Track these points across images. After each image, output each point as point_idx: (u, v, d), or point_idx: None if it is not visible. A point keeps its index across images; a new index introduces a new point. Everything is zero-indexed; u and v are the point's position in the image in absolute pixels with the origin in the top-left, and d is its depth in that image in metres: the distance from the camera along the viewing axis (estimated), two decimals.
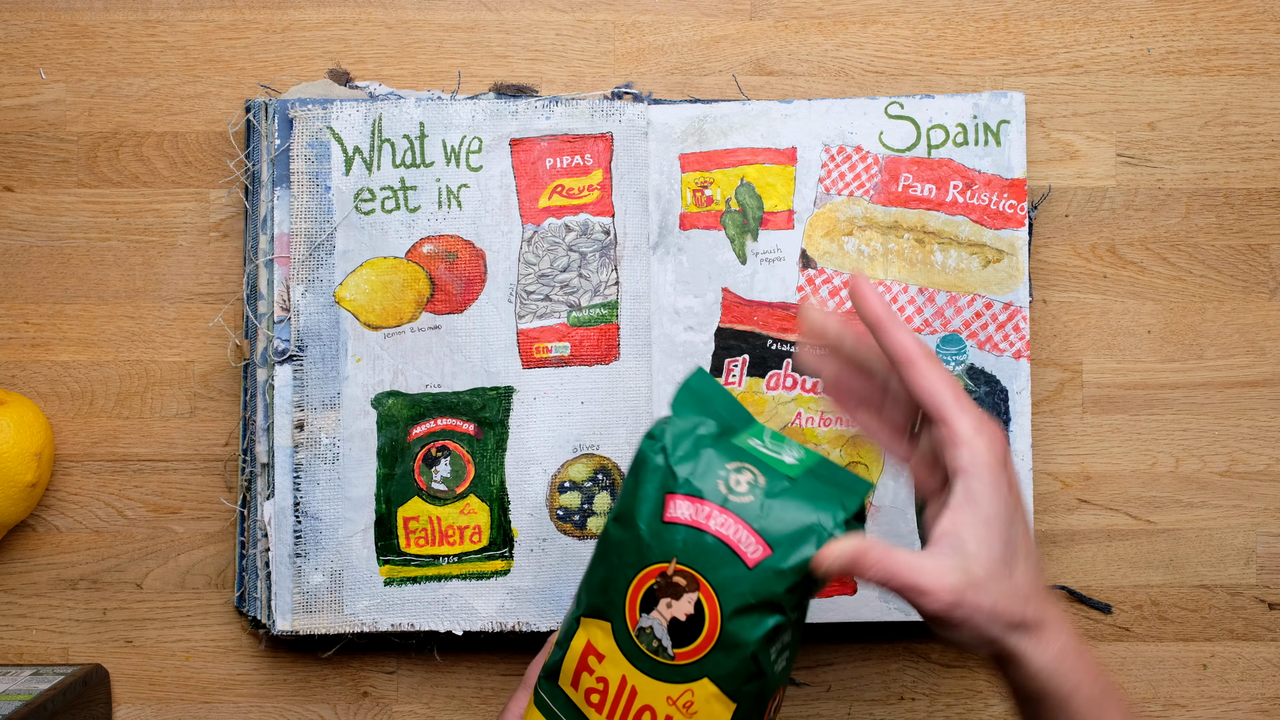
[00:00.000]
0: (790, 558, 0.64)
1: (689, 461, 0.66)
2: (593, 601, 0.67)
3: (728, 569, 0.64)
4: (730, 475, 0.66)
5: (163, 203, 0.87)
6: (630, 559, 0.66)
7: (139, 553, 0.86)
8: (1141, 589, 0.87)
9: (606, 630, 0.67)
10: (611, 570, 0.66)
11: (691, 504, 0.65)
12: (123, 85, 0.87)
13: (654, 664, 0.66)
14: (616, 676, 0.66)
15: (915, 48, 0.87)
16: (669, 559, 0.65)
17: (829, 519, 0.64)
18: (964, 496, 0.63)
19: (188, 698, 0.86)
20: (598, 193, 0.84)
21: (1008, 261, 0.84)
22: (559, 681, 0.69)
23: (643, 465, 0.67)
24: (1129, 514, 0.87)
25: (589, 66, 0.87)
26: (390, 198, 0.84)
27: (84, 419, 0.87)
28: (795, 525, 0.64)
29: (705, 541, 0.64)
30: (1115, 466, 0.87)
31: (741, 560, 0.64)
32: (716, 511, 0.65)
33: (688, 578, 0.64)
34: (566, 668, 0.68)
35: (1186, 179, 0.88)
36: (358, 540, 0.83)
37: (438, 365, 0.84)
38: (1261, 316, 0.87)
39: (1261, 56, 0.88)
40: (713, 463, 0.66)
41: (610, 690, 0.67)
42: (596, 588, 0.67)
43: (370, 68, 0.87)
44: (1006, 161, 0.84)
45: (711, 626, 0.64)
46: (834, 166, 0.85)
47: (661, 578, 0.65)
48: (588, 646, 0.67)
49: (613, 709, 0.67)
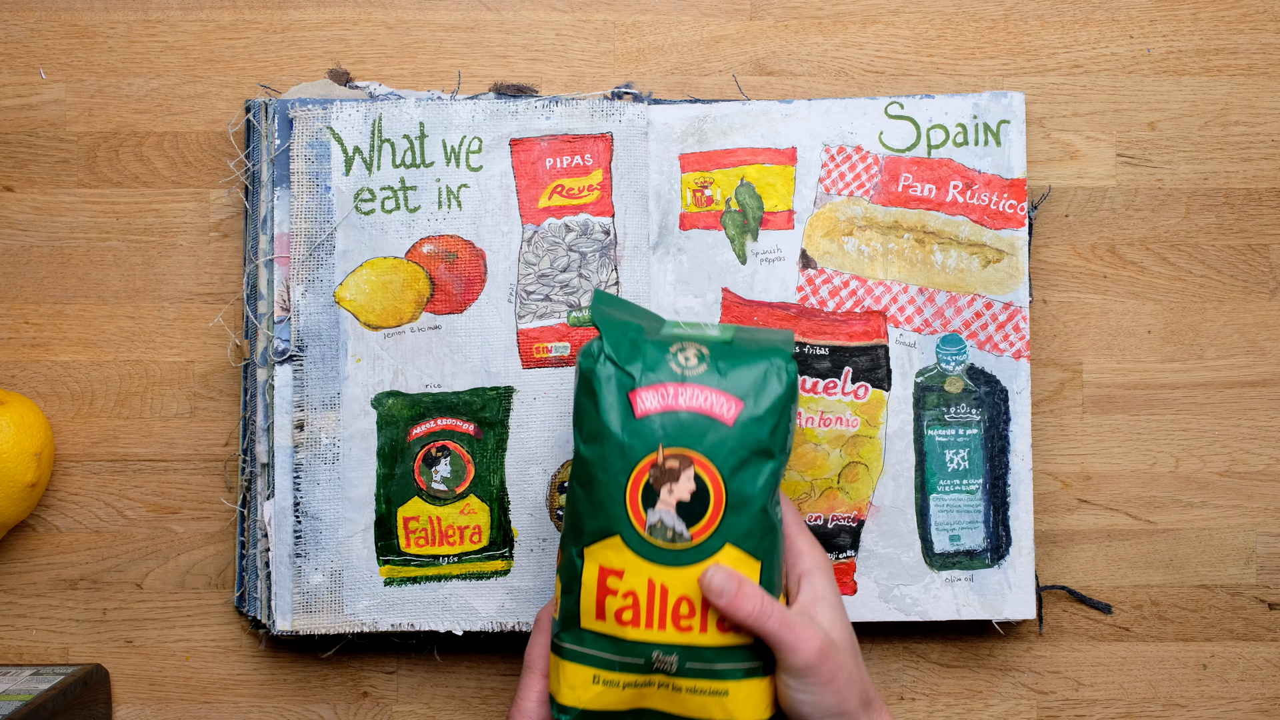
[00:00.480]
0: (762, 402, 0.69)
1: (636, 359, 0.70)
2: (591, 527, 0.69)
3: (712, 434, 0.68)
4: (676, 356, 0.70)
5: (163, 203, 0.87)
6: (617, 466, 0.69)
7: (139, 553, 0.86)
8: (1141, 589, 0.87)
9: (617, 544, 0.69)
10: (600, 488, 0.69)
11: (655, 392, 0.69)
12: (123, 85, 0.87)
13: (674, 554, 0.68)
14: (642, 583, 0.68)
15: (915, 48, 0.87)
16: (655, 449, 0.68)
17: (780, 358, 0.70)
18: (812, 591, 0.72)
19: (188, 698, 0.86)
20: (598, 193, 0.84)
21: (1007, 261, 0.84)
22: (580, 625, 0.70)
23: (591, 379, 0.70)
24: (1129, 514, 0.87)
25: (589, 66, 0.87)
26: (390, 198, 0.84)
27: (84, 419, 0.87)
28: (755, 375, 0.69)
29: (681, 419, 0.68)
30: (1115, 466, 0.87)
31: (721, 422, 0.68)
32: (680, 389, 0.69)
33: (679, 458, 0.68)
34: (585, 606, 0.69)
35: (1186, 179, 0.88)
36: (358, 540, 0.83)
37: (438, 365, 0.84)
38: (1261, 316, 0.87)
39: (1261, 56, 0.88)
40: (655, 352, 0.70)
41: (640, 600, 0.69)
42: (591, 513, 0.69)
43: (370, 68, 0.87)
44: (1006, 161, 0.84)
45: (717, 493, 0.68)
46: (834, 166, 0.85)
47: (654, 469, 0.68)
48: (601, 571, 0.69)
49: (649, 616, 0.69)
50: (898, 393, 0.84)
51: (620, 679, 0.69)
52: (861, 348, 0.84)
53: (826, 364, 0.84)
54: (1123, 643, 0.87)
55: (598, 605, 0.69)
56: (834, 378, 0.84)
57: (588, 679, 0.70)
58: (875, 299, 0.84)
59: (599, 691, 0.70)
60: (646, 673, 0.69)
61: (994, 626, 0.86)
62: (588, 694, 0.70)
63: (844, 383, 0.84)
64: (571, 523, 0.70)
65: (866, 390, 0.84)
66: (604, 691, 0.70)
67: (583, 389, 0.70)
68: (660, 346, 0.70)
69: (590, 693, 0.70)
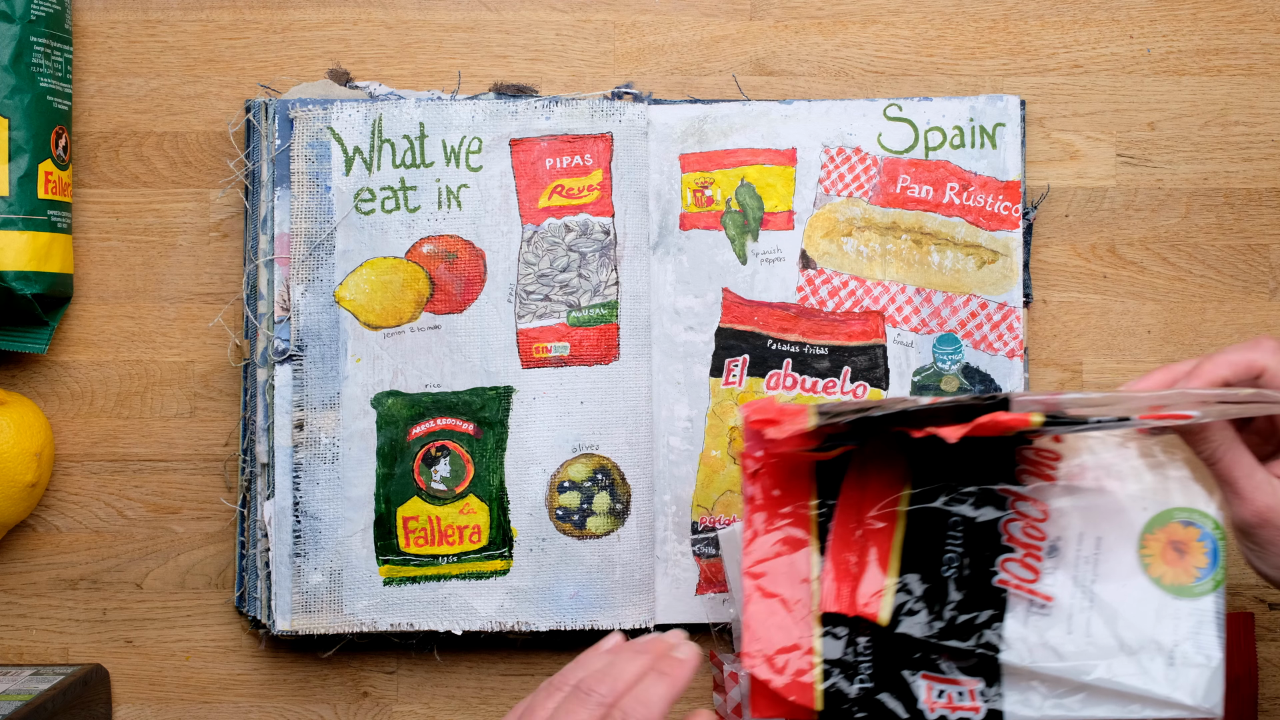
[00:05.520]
0: None
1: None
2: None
3: None
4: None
5: (163, 203, 0.87)
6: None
7: (139, 553, 0.87)
8: None
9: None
10: None
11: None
12: (123, 85, 0.87)
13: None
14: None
15: (915, 48, 0.87)
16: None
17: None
18: None
19: (188, 698, 0.87)
20: (598, 193, 0.84)
21: (1002, 262, 0.84)
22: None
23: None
24: None
25: (589, 66, 0.87)
26: (390, 198, 0.84)
27: (84, 419, 0.87)
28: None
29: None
30: None
31: None
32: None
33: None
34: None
35: (1186, 179, 0.87)
36: (357, 540, 0.83)
37: (437, 365, 0.84)
38: (1261, 316, 0.87)
39: (1261, 56, 0.87)
40: None
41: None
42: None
43: (370, 68, 0.87)
44: (1002, 164, 0.84)
45: None
46: (833, 167, 0.85)
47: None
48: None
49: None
50: (895, 391, 0.84)
51: None
52: (860, 347, 0.84)
53: (826, 364, 0.84)
54: None
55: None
56: (833, 377, 0.84)
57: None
58: (874, 299, 0.84)
59: None
60: None
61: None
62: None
63: (843, 382, 0.84)
64: None
65: (865, 389, 0.84)
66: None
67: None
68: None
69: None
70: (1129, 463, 0.70)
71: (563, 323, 0.84)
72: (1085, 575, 0.69)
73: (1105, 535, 0.69)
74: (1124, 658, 0.68)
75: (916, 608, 0.69)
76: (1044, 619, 0.69)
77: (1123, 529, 0.69)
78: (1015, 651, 0.68)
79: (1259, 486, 0.66)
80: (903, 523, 0.70)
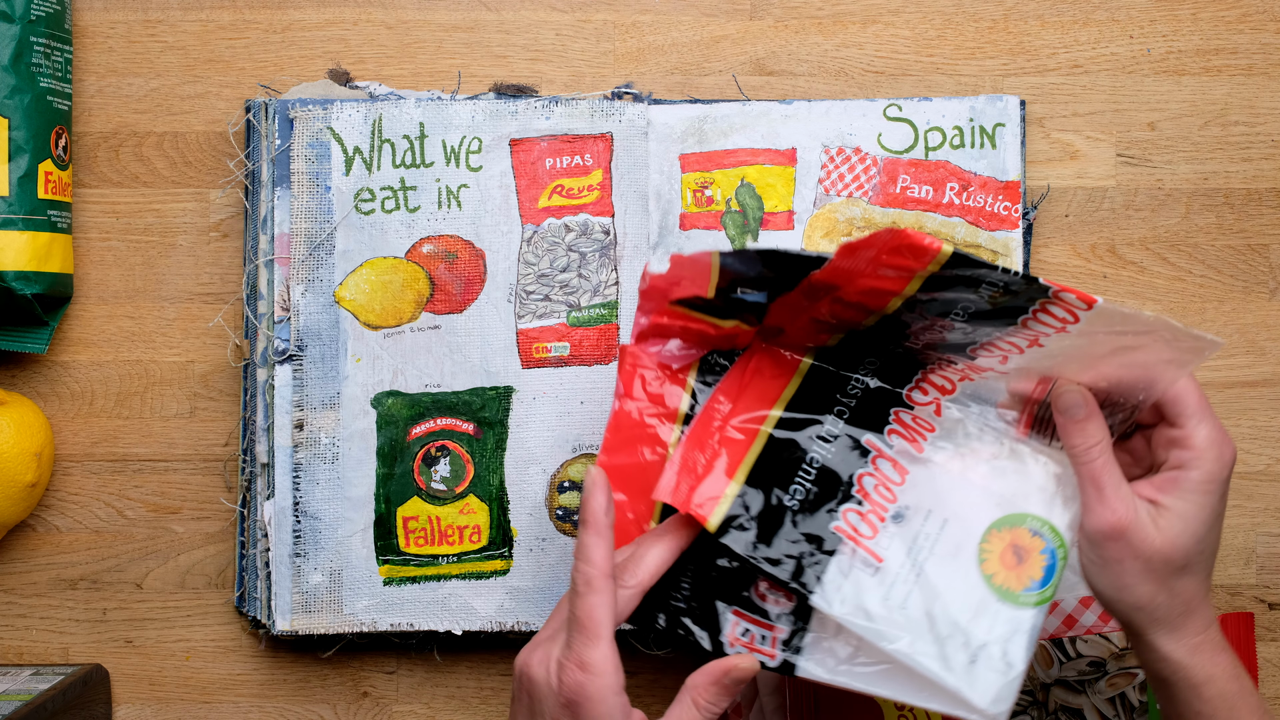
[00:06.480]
0: None
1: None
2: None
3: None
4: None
5: (163, 203, 0.87)
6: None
7: (139, 553, 0.87)
8: None
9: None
10: None
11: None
12: (123, 85, 0.87)
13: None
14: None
15: (915, 48, 0.87)
16: None
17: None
18: (1182, 474, 0.66)
19: (188, 698, 0.87)
20: (598, 193, 0.84)
21: (1002, 263, 0.84)
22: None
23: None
24: None
25: (589, 66, 0.87)
26: (390, 198, 0.84)
27: (84, 419, 0.87)
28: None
29: None
30: None
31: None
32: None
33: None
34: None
35: (1186, 179, 0.88)
36: (357, 540, 0.83)
37: (437, 365, 0.84)
38: (1261, 316, 0.87)
39: (1261, 56, 0.87)
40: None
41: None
42: None
43: (370, 68, 0.87)
44: (1001, 164, 0.84)
45: None
46: (833, 167, 0.85)
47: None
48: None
49: None
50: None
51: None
52: None
53: None
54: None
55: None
56: None
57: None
58: None
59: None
60: None
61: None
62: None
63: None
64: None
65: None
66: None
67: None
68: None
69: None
70: (1000, 460, 0.70)
71: (563, 323, 0.84)
72: (921, 550, 0.68)
73: (952, 518, 0.69)
74: (929, 639, 0.66)
75: (748, 525, 0.69)
76: (867, 577, 0.68)
77: (971, 518, 0.69)
78: (827, 598, 0.67)
79: (1123, 499, 0.66)
80: (762, 441, 0.70)
